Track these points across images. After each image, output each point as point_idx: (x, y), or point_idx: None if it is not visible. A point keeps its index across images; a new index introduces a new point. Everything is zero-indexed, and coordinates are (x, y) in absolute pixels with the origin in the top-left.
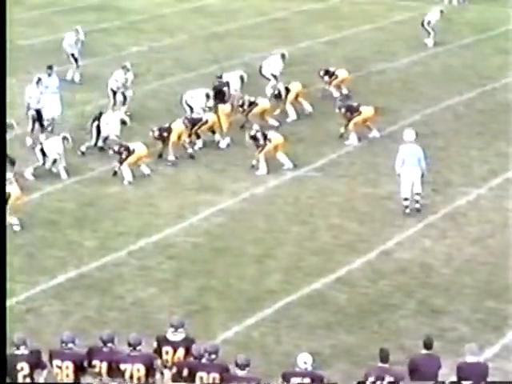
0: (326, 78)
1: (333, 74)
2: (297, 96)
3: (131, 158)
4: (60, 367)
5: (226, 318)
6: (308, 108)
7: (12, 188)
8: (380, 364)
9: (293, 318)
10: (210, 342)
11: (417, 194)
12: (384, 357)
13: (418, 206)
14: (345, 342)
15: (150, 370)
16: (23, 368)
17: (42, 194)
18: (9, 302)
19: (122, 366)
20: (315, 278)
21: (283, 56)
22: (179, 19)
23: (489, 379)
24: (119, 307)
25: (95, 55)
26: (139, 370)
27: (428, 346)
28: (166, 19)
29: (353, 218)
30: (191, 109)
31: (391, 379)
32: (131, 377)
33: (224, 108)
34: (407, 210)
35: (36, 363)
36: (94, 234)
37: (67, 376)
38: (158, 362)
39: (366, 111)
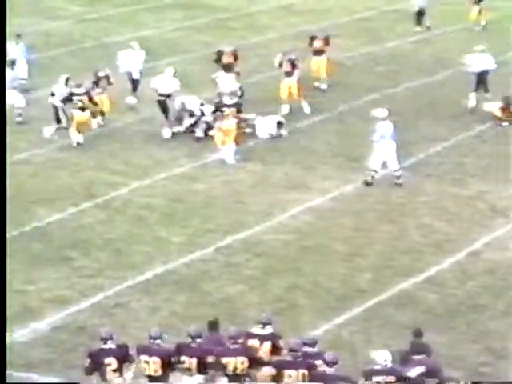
0: None
1: None
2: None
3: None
4: (147, 362)
5: (315, 316)
6: None
7: None
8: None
9: (382, 318)
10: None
11: (395, 170)
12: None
13: (399, 181)
14: (433, 342)
15: (252, 362)
16: (111, 363)
17: (130, 189)
18: (97, 297)
19: (225, 360)
20: (405, 277)
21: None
22: (268, 17)
23: None
24: (207, 303)
25: (183, 52)
26: (243, 362)
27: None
28: (254, 17)
29: (442, 218)
30: None
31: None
32: (235, 369)
33: None
34: (369, 179)
35: (124, 357)
36: (182, 230)
37: (155, 371)
38: None
39: None
